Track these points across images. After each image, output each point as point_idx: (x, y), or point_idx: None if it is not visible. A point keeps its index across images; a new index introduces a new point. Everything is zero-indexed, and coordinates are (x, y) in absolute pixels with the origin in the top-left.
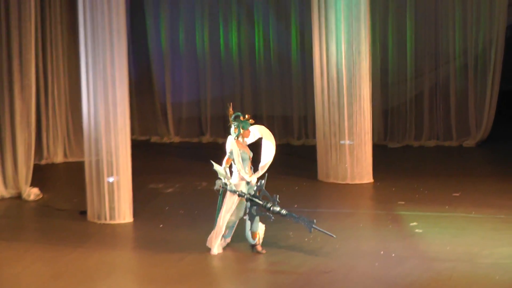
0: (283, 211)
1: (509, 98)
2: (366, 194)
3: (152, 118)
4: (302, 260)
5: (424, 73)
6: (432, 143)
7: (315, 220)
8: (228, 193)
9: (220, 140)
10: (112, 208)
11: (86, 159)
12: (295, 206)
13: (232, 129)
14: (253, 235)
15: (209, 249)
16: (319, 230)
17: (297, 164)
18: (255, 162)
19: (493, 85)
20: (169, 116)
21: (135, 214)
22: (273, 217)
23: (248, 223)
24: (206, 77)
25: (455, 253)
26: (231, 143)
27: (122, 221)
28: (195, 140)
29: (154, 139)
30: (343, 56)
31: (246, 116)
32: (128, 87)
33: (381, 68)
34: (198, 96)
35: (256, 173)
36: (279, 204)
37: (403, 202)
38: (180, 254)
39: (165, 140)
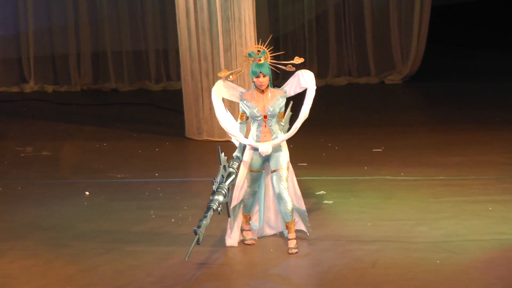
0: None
1: (446, 17)
2: None
3: None
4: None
5: None
6: (342, 80)
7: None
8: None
9: (49, 88)
10: None
11: None
12: (156, 175)
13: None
14: (286, 225)
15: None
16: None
17: (157, 116)
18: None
19: None
20: None
21: None
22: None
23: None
24: (26, 2)
25: (379, 231)
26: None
27: None
28: (15, 89)
29: None
30: None
31: (260, 57)
32: None
33: None
34: (17, 29)
35: (279, 138)
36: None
37: (305, 164)
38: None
39: None
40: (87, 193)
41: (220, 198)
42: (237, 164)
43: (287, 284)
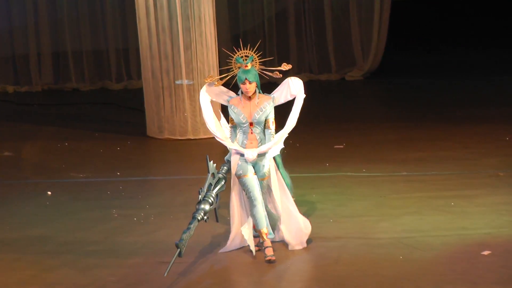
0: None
1: (407, 12)
2: (215, 153)
3: None
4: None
5: None
6: (302, 77)
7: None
8: None
9: (10, 89)
10: None
11: None
12: (118, 174)
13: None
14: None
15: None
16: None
17: (118, 115)
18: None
19: None
20: None
21: None
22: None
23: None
24: None
25: (341, 227)
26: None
27: None
28: None
29: None
30: None
31: (248, 64)
32: None
33: None
34: None
35: (265, 145)
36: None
37: None
38: None
39: None
40: (49, 193)
41: (206, 207)
42: (227, 168)
43: (248, 282)
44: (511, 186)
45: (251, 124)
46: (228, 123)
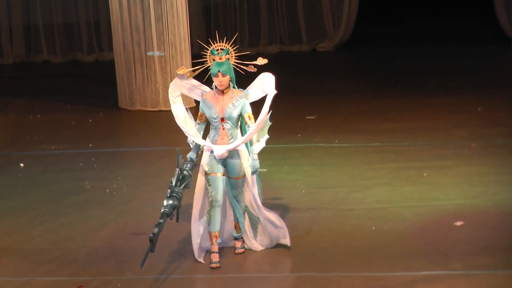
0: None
1: None
2: None
3: None
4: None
5: None
6: (273, 48)
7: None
8: None
9: None
10: None
11: None
12: (90, 145)
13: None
14: (235, 224)
15: None
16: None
17: (89, 88)
18: None
19: None
20: None
21: None
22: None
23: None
24: None
25: (314, 199)
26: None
27: None
28: None
29: None
30: None
31: (222, 56)
32: None
33: None
34: None
35: (235, 142)
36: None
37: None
38: None
39: None
40: (21, 165)
41: (175, 203)
42: (191, 166)
43: (220, 256)
44: (483, 157)
45: (222, 119)
46: (196, 120)
